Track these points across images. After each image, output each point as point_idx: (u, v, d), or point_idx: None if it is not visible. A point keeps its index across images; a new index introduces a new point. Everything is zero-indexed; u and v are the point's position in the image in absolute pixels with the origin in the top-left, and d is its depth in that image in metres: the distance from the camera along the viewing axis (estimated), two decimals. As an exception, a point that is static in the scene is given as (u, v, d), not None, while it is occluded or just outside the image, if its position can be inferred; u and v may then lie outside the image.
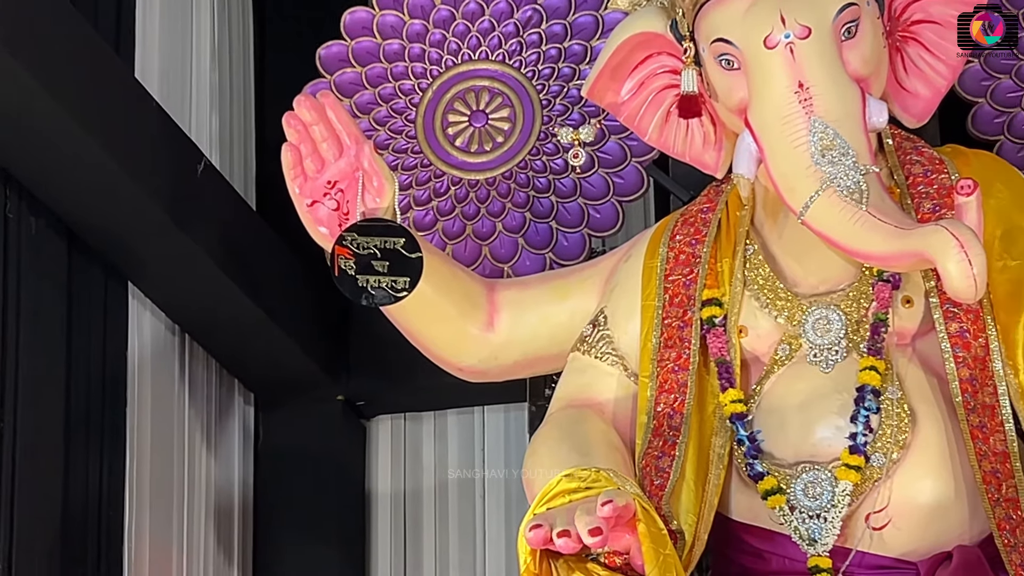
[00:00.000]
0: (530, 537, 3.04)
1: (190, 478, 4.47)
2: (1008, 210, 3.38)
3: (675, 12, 3.48)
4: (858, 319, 3.39)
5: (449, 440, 5.02)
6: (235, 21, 4.88)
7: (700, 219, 3.59)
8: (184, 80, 4.54)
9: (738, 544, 3.41)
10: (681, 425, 3.37)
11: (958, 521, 3.31)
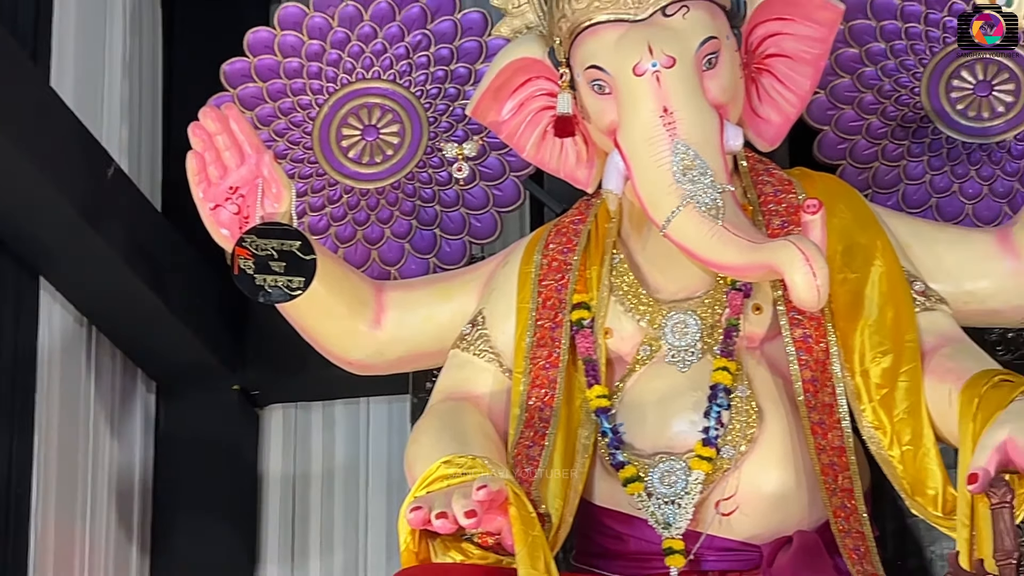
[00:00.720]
0: (411, 518, 3.10)
1: (94, 460, 4.45)
2: (849, 228, 3.46)
3: (553, 40, 3.51)
4: (712, 324, 3.46)
5: (336, 429, 5.02)
6: (145, 36, 4.85)
7: (572, 230, 3.64)
8: (96, 90, 4.51)
9: (600, 527, 3.46)
10: (551, 418, 3.42)
11: (799, 509, 3.39)
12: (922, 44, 3.92)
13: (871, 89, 3.95)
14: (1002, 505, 2.77)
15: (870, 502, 3.40)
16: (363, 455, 4.99)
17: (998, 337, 3.66)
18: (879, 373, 3.32)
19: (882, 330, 3.35)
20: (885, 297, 3.39)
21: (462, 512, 2.99)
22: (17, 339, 4.10)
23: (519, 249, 3.69)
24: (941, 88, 3.93)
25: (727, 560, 3.36)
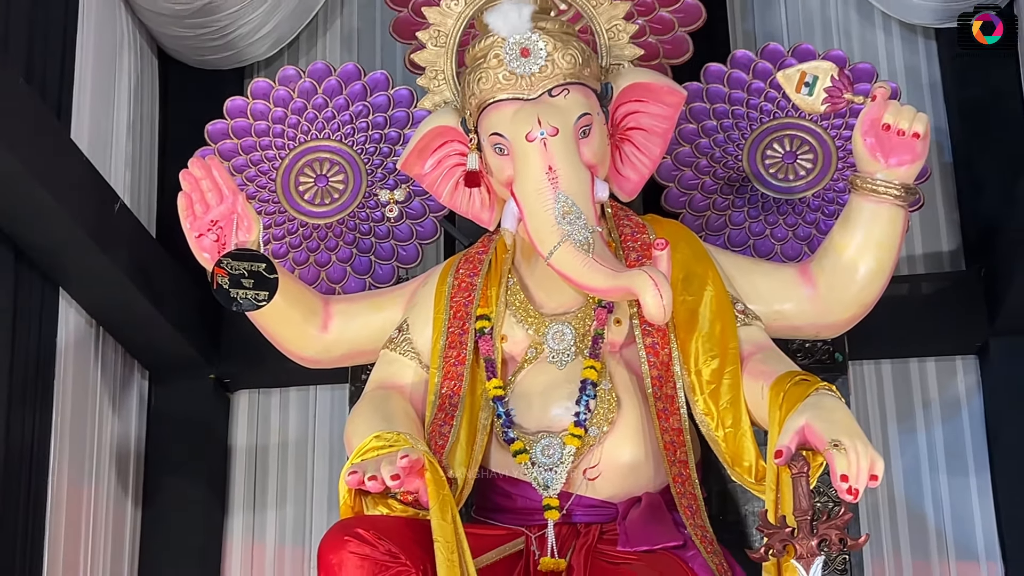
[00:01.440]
0: (348, 480, 3.15)
1: (99, 433, 4.39)
2: (688, 261, 3.49)
3: (464, 112, 3.55)
4: (584, 333, 3.48)
5: (290, 410, 4.95)
6: (145, 101, 4.75)
7: (476, 259, 3.64)
8: (106, 142, 4.42)
9: (495, 488, 3.49)
10: (458, 404, 3.43)
11: (647, 475, 3.43)
12: (744, 122, 3.99)
13: (705, 155, 4.00)
14: (800, 474, 2.84)
15: (700, 471, 3.47)
16: (311, 431, 4.93)
17: (798, 346, 3.71)
18: (709, 373, 3.35)
19: (712, 340, 3.39)
20: (714, 314, 3.42)
21: (389, 476, 3.04)
22: (40, 336, 4.05)
23: (436, 273, 3.69)
24: (758, 156, 3.99)
25: (591, 515, 3.38)
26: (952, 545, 4.55)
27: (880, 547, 4.55)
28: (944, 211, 4.78)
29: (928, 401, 4.71)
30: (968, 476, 4.60)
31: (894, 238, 3.40)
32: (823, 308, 3.51)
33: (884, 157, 3.32)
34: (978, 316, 4.57)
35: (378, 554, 2.98)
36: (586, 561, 3.25)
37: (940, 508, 4.60)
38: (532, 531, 3.34)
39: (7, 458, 3.82)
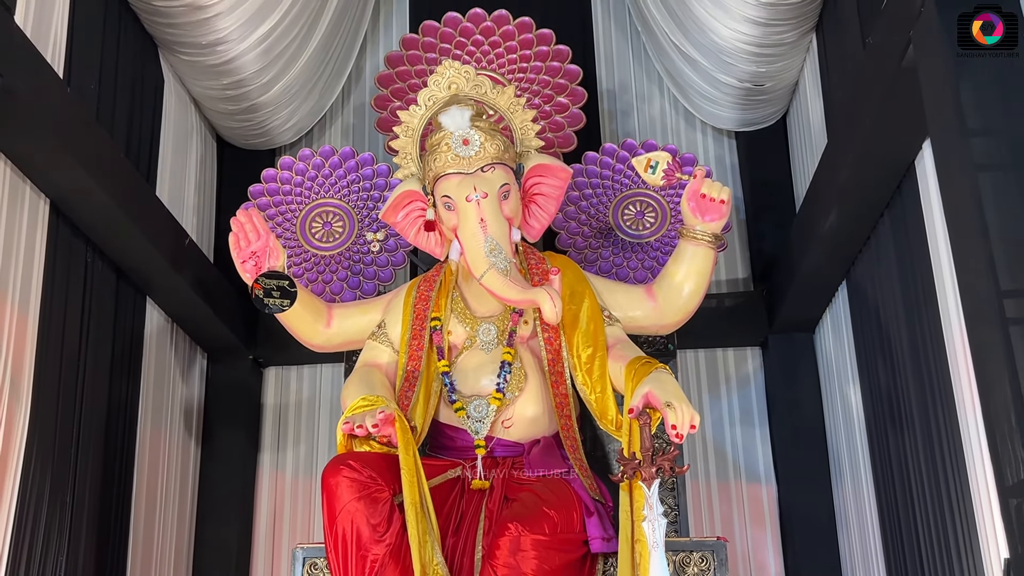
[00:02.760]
0: (343, 428, 3.13)
1: (172, 398, 4.36)
2: (572, 283, 3.49)
3: (424, 181, 3.52)
4: (503, 329, 3.47)
5: (304, 381, 4.92)
6: (207, 170, 4.74)
7: (432, 279, 3.61)
8: (180, 198, 4.40)
9: (442, 433, 3.45)
10: (418, 377, 3.40)
11: (544, 425, 3.43)
12: (609, 191, 4.00)
13: (584, 213, 4.00)
14: (644, 424, 2.86)
15: (579, 422, 3.45)
16: (317, 395, 4.89)
17: (644, 339, 3.70)
18: (586, 357, 3.36)
19: (588, 335, 3.39)
20: (590, 318, 3.42)
21: (371, 425, 3.04)
22: (132, 329, 4.01)
23: (404, 288, 3.65)
24: (619, 214, 3.98)
25: (507, 451, 3.36)
26: (743, 472, 4.61)
27: (696, 473, 4.60)
28: (739, 251, 4.85)
29: (728, 377, 4.78)
30: (754, 427, 4.67)
31: (707, 269, 3.42)
32: (661, 315, 3.50)
33: (701, 216, 3.35)
34: (761, 321, 4.65)
35: (362, 478, 2.98)
36: (503, 482, 3.24)
37: (736, 448, 4.66)
38: (467, 462, 3.32)
39: (108, 413, 3.78)
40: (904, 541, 3.42)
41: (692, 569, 3.18)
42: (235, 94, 4.45)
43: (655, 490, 2.75)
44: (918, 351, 3.26)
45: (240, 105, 4.55)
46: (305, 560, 3.27)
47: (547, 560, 2.90)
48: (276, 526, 4.69)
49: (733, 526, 4.49)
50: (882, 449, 3.66)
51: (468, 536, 3.12)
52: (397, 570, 2.91)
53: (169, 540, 4.23)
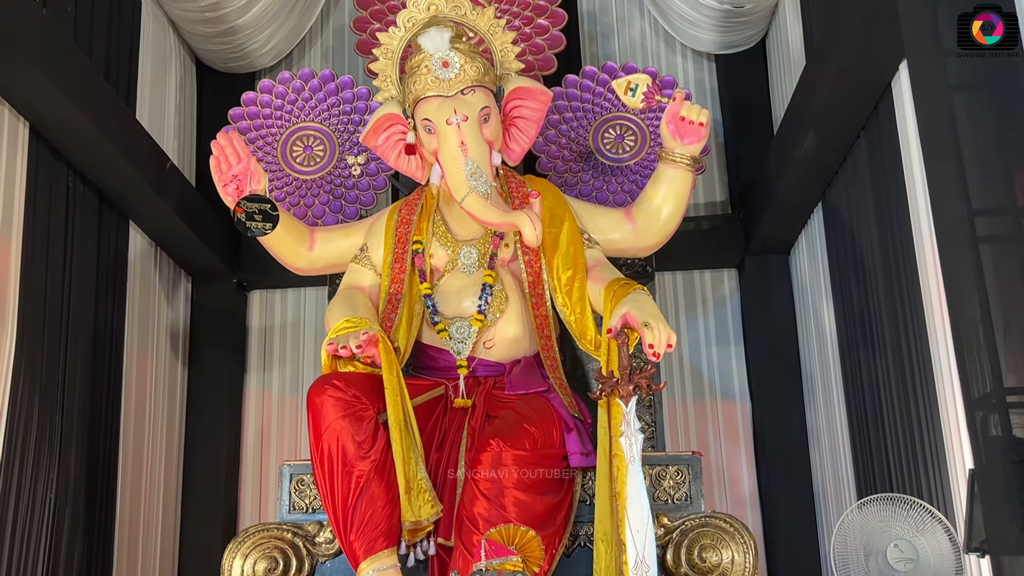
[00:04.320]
0: (328, 349, 3.13)
1: (158, 320, 4.37)
2: (553, 206, 3.48)
3: (404, 104, 3.48)
4: (484, 252, 3.46)
5: (288, 304, 4.93)
6: (187, 93, 4.69)
7: (413, 203, 3.59)
8: (161, 122, 4.36)
9: (425, 354, 3.47)
10: (401, 299, 3.41)
11: (524, 345, 3.44)
12: (590, 114, 3.95)
13: (564, 136, 3.97)
14: (623, 344, 2.90)
15: (559, 343, 3.47)
16: (302, 317, 4.90)
17: (623, 262, 3.69)
18: (565, 279, 3.36)
19: (567, 257, 3.39)
20: (569, 241, 3.41)
21: (354, 345, 3.05)
22: (116, 252, 3.99)
23: (386, 212, 3.63)
24: (599, 137, 3.95)
25: (488, 371, 3.38)
26: (719, 390, 4.67)
27: (672, 391, 4.66)
28: (717, 175, 4.84)
29: (706, 298, 4.81)
30: (730, 346, 4.71)
31: (685, 192, 3.42)
32: (640, 237, 3.51)
33: (680, 138, 3.34)
34: (738, 243, 4.66)
35: (347, 397, 3.00)
36: (484, 400, 3.27)
37: (712, 367, 4.71)
38: (449, 382, 3.34)
39: (96, 335, 3.78)
40: (873, 455, 3.49)
41: (668, 482, 3.23)
42: (213, 16, 4.36)
43: (632, 407, 2.79)
44: (891, 271, 3.28)
45: (218, 28, 4.45)
46: (292, 476, 3.31)
47: (527, 474, 2.94)
48: (264, 444, 4.73)
49: (708, 442, 4.57)
50: (854, 367, 3.71)
51: (451, 452, 3.16)
52: (382, 485, 2.95)
53: (158, 457, 4.26)
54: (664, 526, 3.10)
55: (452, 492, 3.06)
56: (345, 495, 2.93)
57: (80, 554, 3.50)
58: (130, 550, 3.92)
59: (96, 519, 3.65)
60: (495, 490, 2.89)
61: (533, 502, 2.91)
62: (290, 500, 3.28)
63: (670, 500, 3.21)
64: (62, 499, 3.40)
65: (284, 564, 3.11)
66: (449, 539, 2.96)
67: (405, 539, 2.97)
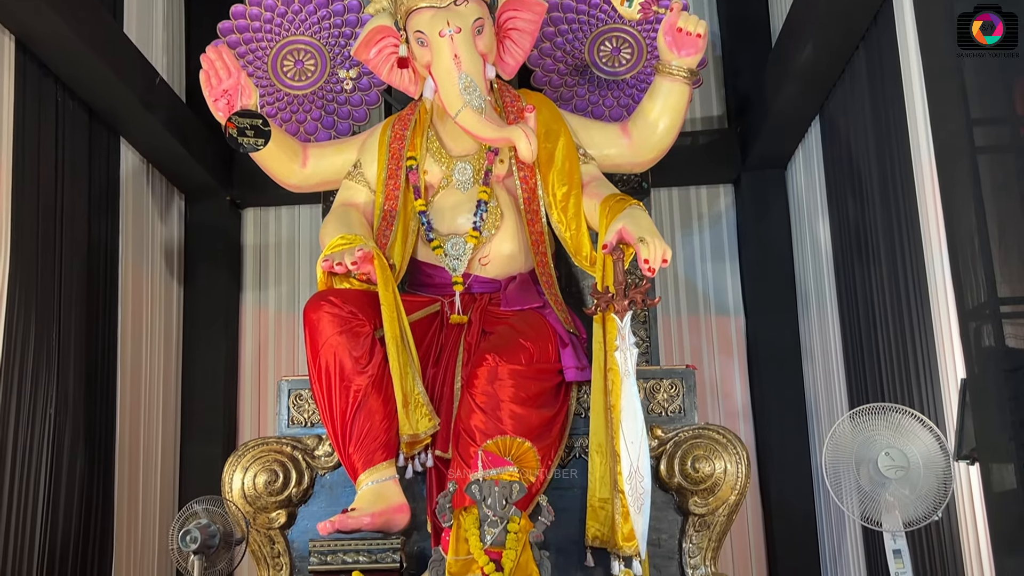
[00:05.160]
0: (324, 265, 3.14)
1: (152, 237, 4.36)
2: (548, 121, 3.44)
3: (396, 16, 3.42)
4: (479, 168, 3.44)
5: (282, 221, 4.92)
6: (175, 7, 4.61)
7: (407, 118, 3.55)
8: (149, 36, 4.30)
9: (421, 271, 3.47)
10: (396, 216, 3.40)
11: (520, 262, 3.44)
12: (586, 27, 3.89)
13: (560, 49, 3.91)
14: (618, 260, 2.89)
15: (555, 259, 3.47)
16: (296, 235, 4.90)
17: (619, 178, 3.68)
18: (561, 195, 3.35)
19: (563, 173, 3.37)
20: (565, 156, 3.39)
21: (350, 262, 3.06)
22: (108, 169, 3.98)
23: (379, 127, 3.59)
24: (595, 50, 3.89)
25: (484, 287, 3.39)
26: (713, 305, 4.70)
27: (667, 307, 4.68)
28: (715, 88, 4.79)
29: (701, 214, 4.80)
30: (725, 262, 4.73)
31: (682, 106, 3.39)
32: (636, 152, 3.48)
33: (677, 50, 3.29)
34: (734, 159, 4.64)
35: (343, 313, 3.03)
36: (480, 316, 3.29)
37: (707, 282, 4.73)
38: (445, 299, 3.35)
39: (90, 252, 3.78)
40: (866, 367, 3.52)
41: (662, 395, 3.27)
42: (199, -74, 4.26)
43: (627, 322, 2.80)
44: (887, 183, 3.27)
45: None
46: (290, 392, 3.35)
47: (523, 388, 2.98)
48: (261, 361, 4.77)
49: (702, 356, 4.61)
50: (848, 280, 3.72)
51: (448, 367, 3.19)
52: (380, 399, 2.99)
53: (156, 374, 4.30)
54: (658, 438, 3.14)
55: (449, 406, 3.10)
56: (343, 409, 2.97)
57: (82, 469, 3.56)
58: (131, 465, 3.98)
59: (96, 434, 3.70)
60: (491, 404, 2.94)
61: (529, 415, 2.96)
62: (288, 415, 3.33)
63: (664, 413, 3.25)
64: (62, 414, 3.43)
65: (284, 477, 3.16)
66: (447, 451, 3.02)
67: (403, 452, 3.03)
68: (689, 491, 3.06)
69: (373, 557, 2.83)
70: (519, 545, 2.52)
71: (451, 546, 2.54)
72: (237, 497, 3.09)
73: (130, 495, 3.94)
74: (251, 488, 3.12)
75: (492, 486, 2.57)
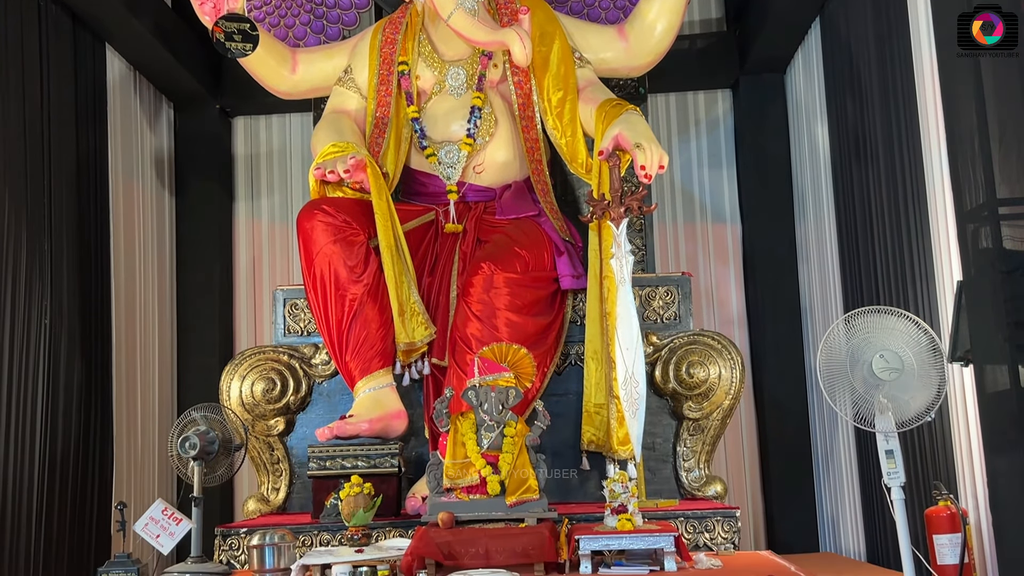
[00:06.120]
0: (315, 173, 3.15)
1: (141, 147, 4.30)
2: (543, 23, 3.39)
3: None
4: (472, 73, 3.40)
5: (273, 130, 4.83)
6: None
7: (398, 22, 3.50)
8: None
9: (414, 180, 3.45)
10: (388, 123, 3.37)
11: (515, 169, 3.43)
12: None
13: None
14: (614, 166, 2.89)
15: (550, 167, 3.45)
16: (288, 143, 4.84)
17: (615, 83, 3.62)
18: (556, 100, 3.31)
19: (558, 77, 3.32)
20: (560, 60, 3.34)
21: (342, 170, 3.05)
22: (94, 77, 3.89)
23: (369, 31, 3.54)
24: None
25: (478, 196, 3.39)
26: (710, 213, 4.68)
27: (663, 215, 4.67)
28: (713, -10, 4.70)
29: (699, 119, 4.75)
30: (722, 168, 4.70)
31: (680, 7, 3.33)
32: (632, 56, 3.43)
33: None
34: (733, 63, 4.57)
35: (337, 222, 3.04)
36: (476, 225, 3.30)
37: (703, 189, 4.70)
38: (440, 207, 3.35)
39: (79, 162, 3.74)
40: (862, 270, 3.53)
41: (657, 302, 3.30)
42: None
43: (623, 229, 2.81)
44: (887, 85, 3.22)
45: None
46: (286, 301, 3.37)
47: (519, 296, 3.00)
48: (256, 271, 4.77)
49: (698, 263, 4.62)
50: (845, 184, 3.71)
51: (443, 276, 3.21)
52: (375, 308, 3.02)
53: (151, 285, 4.29)
54: (653, 344, 3.18)
55: (445, 314, 3.14)
56: (340, 318, 3.01)
57: (80, 379, 3.58)
58: (128, 376, 4.01)
59: (92, 346, 3.71)
60: (487, 311, 2.97)
61: (525, 323, 2.99)
62: (284, 324, 3.35)
63: (659, 319, 3.28)
64: (56, 326, 3.43)
65: (282, 384, 3.20)
66: (443, 359, 3.06)
67: (400, 360, 3.07)
68: (684, 396, 3.12)
69: (372, 462, 2.88)
70: (515, 449, 2.56)
71: (448, 450, 2.58)
72: (235, 405, 3.15)
73: (128, 405, 3.98)
74: (249, 396, 3.16)
75: (488, 392, 2.61)
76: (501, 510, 2.51)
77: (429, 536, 2.39)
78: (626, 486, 2.44)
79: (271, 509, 3.18)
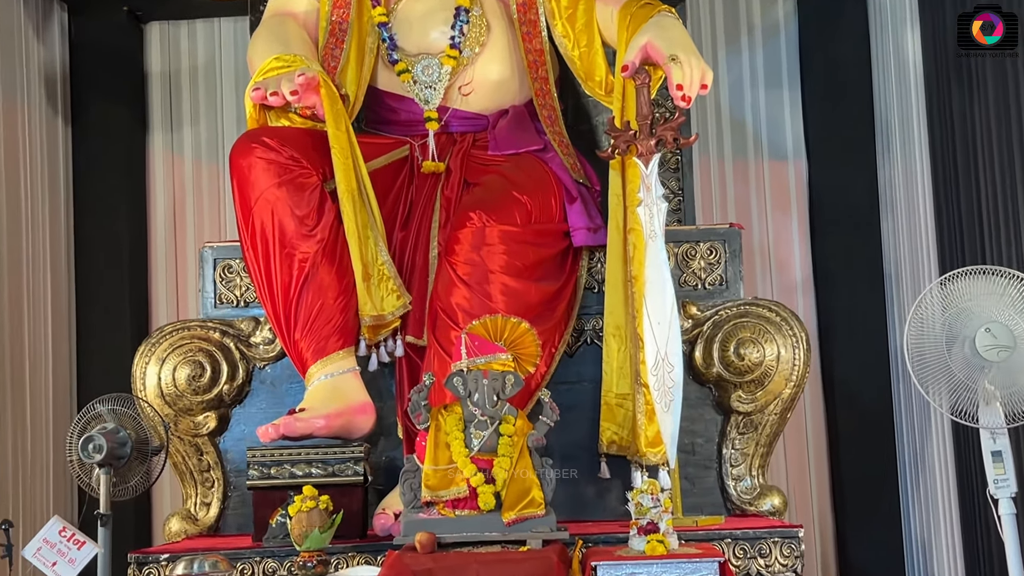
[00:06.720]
0: (253, 96, 3.10)
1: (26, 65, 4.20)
2: None
3: None
4: None
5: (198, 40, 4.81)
6: None
7: None
8: None
9: (382, 104, 3.44)
10: (347, 29, 3.35)
11: (513, 90, 3.42)
12: None
13: None
14: (643, 85, 2.89)
15: (559, 87, 3.45)
16: (217, 58, 4.83)
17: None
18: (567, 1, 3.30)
19: (568, -30, 3.33)
20: (571, -56, 3.33)
21: (288, 91, 3.01)
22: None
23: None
24: None
25: (466, 125, 3.38)
26: (766, 147, 4.69)
27: (707, 148, 4.67)
28: None
29: (752, 26, 4.75)
30: (782, 90, 4.69)
31: None
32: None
33: None
34: (798, -51, 4.57)
35: (282, 159, 3.01)
36: (462, 164, 3.29)
37: (758, 117, 4.71)
38: (415, 140, 3.34)
39: None
40: (963, 223, 3.55)
41: (698, 262, 3.31)
42: None
43: (654, 168, 2.81)
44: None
45: None
46: (216, 262, 3.37)
47: (519, 255, 3.00)
48: (177, 222, 4.78)
49: (751, 212, 4.63)
50: (943, 112, 3.72)
51: (420, 229, 3.20)
52: (332, 271, 3.00)
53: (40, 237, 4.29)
54: (692, 317, 3.19)
55: (423, 279, 3.12)
56: (286, 284, 2.99)
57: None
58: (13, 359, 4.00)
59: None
60: (477, 275, 2.96)
61: (526, 290, 2.98)
62: (215, 291, 3.36)
63: (701, 285, 3.29)
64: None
65: (212, 370, 3.21)
66: (421, 337, 3.06)
67: (365, 338, 3.07)
68: (732, 384, 3.12)
69: (329, 469, 2.89)
70: (514, 452, 2.58)
71: (428, 454, 2.60)
72: (152, 396, 3.15)
73: (13, 397, 3.99)
74: (170, 385, 3.17)
75: (479, 378, 2.62)
76: (496, 529, 2.54)
77: (404, 563, 2.42)
78: (657, 499, 2.46)
79: (200, 530, 3.21)
